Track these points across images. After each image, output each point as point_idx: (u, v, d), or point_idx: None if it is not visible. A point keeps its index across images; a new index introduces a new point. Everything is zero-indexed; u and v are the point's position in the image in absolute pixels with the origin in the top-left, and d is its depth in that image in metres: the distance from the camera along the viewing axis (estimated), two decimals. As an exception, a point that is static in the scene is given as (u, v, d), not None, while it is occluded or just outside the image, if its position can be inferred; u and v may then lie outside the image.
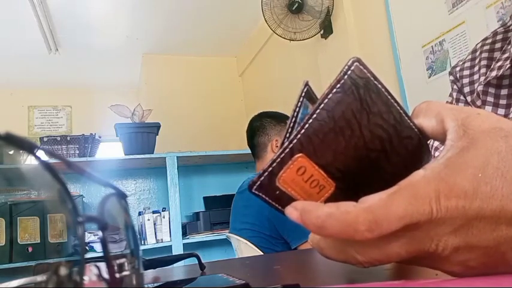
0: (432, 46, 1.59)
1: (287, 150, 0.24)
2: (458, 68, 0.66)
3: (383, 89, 0.24)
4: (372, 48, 1.93)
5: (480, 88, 0.58)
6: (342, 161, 0.24)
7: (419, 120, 0.26)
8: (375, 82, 0.24)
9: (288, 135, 0.25)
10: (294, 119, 0.26)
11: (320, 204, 0.22)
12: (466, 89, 0.63)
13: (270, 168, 0.24)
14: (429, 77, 1.60)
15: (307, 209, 0.22)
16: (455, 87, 0.66)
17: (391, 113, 0.24)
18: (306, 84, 0.27)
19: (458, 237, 0.21)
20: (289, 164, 0.23)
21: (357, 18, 2.05)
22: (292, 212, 0.23)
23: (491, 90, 0.57)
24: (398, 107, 0.25)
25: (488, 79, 0.56)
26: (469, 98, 0.62)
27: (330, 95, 0.24)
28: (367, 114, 0.24)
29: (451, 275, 0.23)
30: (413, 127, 0.25)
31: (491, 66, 0.57)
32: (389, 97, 0.25)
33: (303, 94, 0.27)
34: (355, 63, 0.24)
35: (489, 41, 0.62)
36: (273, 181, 0.24)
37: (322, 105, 0.24)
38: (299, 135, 0.24)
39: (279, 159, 0.24)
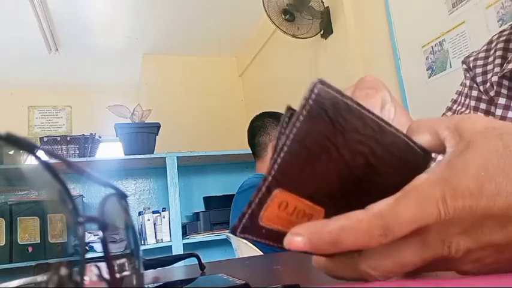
0: (432, 46, 1.59)
1: (263, 189, 0.22)
2: (472, 58, 0.66)
3: (354, 105, 0.23)
4: (372, 48, 1.93)
5: (495, 79, 0.58)
6: (325, 187, 0.23)
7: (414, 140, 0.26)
8: (343, 99, 0.23)
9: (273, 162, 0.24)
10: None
11: (324, 220, 0.21)
12: (479, 79, 0.63)
13: (250, 211, 0.22)
14: (429, 77, 1.60)
15: (313, 230, 0.21)
16: (468, 75, 0.66)
17: (367, 125, 0.23)
18: (290, 108, 0.26)
19: (469, 238, 0.21)
20: (269, 202, 0.22)
21: (357, 18, 2.05)
22: (295, 241, 0.21)
23: (505, 82, 0.57)
24: (373, 117, 0.24)
25: (505, 71, 0.56)
26: (481, 88, 0.62)
27: (298, 123, 0.22)
28: (342, 134, 0.23)
29: (467, 274, 0.23)
30: (395, 132, 0.24)
31: (508, 58, 0.57)
32: (362, 110, 0.23)
33: (286, 120, 0.26)
34: (318, 86, 0.23)
35: (506, 32, 0.62)
36: (255, 222, 0.22)
37: (291, 135, 0.22)
38: (273, 172, 0.22)
39: (256, 200, 0.22)
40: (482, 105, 0.62)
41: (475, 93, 0.63)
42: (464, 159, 0.21)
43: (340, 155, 0.23)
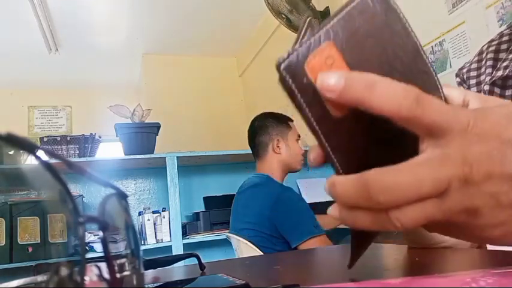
0: (432, 46, 1.59)
1: (316, 36, 0.23)
2: (465, 70, 0.67)
3: (401, 14, 0.25)
4: (372, 48, 1.93)
5: (486, 88, 0.58)
6: (366, 68, 0.23)
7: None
8: (394, 6, 0.25)
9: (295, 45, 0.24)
10: (300, 38, 0.25)
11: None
12: (473, 89, 0.64)
13: (300, 47, 0.23)
14: (429, 77, 1.60)
15: (352, 73, 0.22)
16: (461, 88, 0.67)
17: (409, 37, 0.25)
18: (308, 16, 0.28)
19: (492, 160, 0.21)
20: (319, 50, 0.23)
21: (357, 18, 2.05)
22: (329, 77, 0.22)
23: (497, 90, 0.58)
24: (415, 38, 0.26)
25: (493, 78, 0.56)
26: None
27: (353, 3, 0.24)
28: (389, 30, 0.25)
29: (479, 216, 0.22)
30: (427, 63, 0.26)
31: (497, 66, 0.58)
32: (406, 24, 0.26)
33: (305, 26, 0.27)
34: None
35: (495, 42, 0.63)
36: (301, 63, 0.22)
37: (347, 8, 0.24)
38: (328, 26, 0.23)
39: (308, 42, 0.23)
40: None
41: None
42: (491, 108, 0.23)
43: (384, 48, 0.24)
